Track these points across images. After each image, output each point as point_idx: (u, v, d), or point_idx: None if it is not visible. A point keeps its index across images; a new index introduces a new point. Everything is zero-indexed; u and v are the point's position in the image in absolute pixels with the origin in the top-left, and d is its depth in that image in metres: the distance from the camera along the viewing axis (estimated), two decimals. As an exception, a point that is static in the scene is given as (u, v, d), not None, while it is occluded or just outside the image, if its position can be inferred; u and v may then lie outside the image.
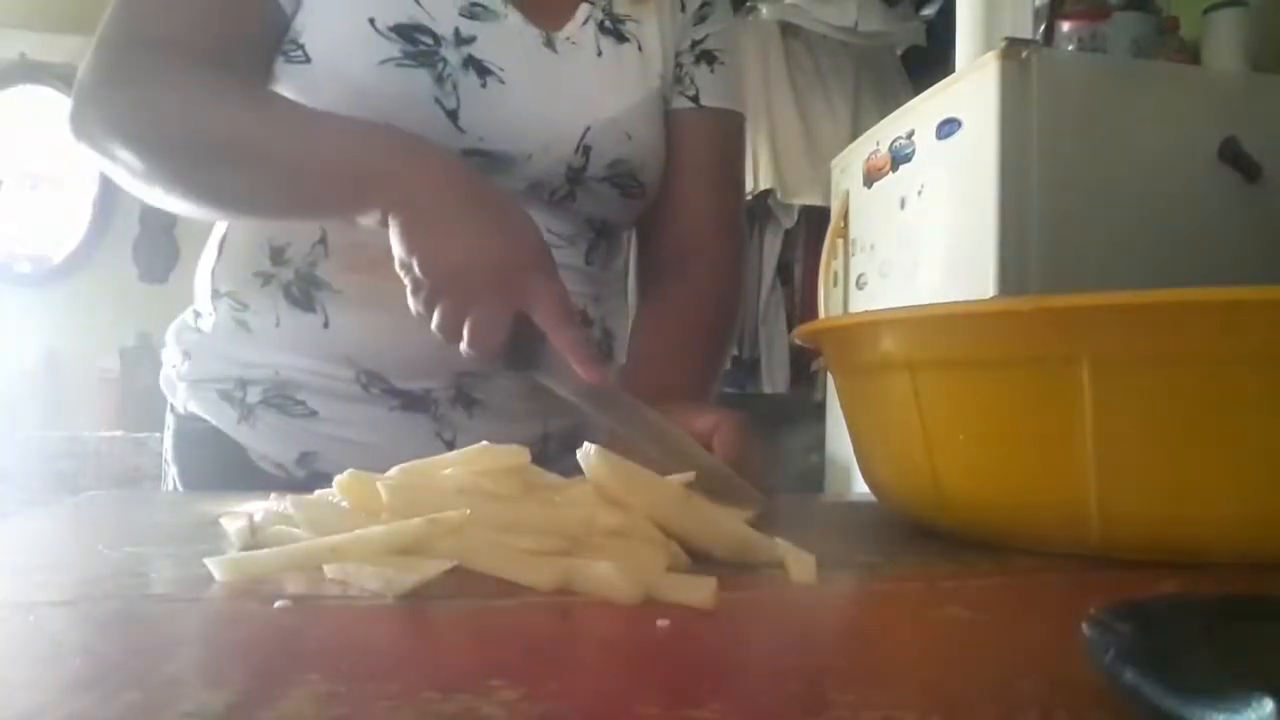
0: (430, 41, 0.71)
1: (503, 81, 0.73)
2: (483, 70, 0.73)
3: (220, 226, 0.82)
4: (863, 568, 0.45)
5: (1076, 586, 0.41)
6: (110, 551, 0.44)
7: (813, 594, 0.38)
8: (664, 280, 0.85)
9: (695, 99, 0.85)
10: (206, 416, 0.78)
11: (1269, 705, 0.18)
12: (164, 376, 0.83)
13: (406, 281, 0.61)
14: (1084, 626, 0.24)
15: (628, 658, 0.29)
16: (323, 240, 0.73)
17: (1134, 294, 0.41)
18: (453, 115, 0.71)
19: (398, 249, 0.60)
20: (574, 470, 0.45)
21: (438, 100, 0.71)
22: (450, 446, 0.75)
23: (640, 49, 0.82)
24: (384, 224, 0.61)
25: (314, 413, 0.75)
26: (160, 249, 3.18)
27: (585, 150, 0.77)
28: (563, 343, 0.58)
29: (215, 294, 0.79)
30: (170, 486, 0.83)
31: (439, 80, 0.71)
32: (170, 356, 0.82)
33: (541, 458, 0.76)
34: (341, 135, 0.64)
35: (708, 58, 0.86)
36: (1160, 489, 0.42)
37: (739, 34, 0.93)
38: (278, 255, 0.75)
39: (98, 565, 0.40)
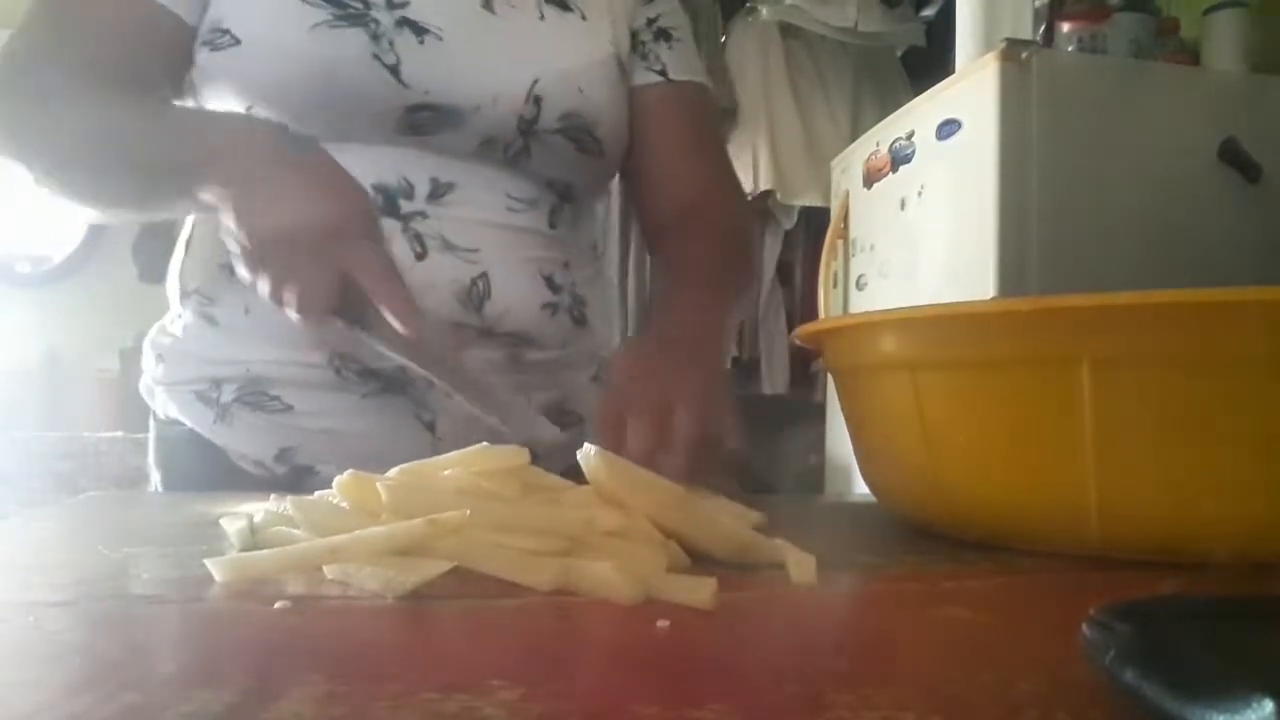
0: (360, 5, 0.71)
1: (441, 39, 0.73)
2: (419, 29, 0.73)
3: (186, 224, 0.82)
4: (863, 568, 0.45)
5: (1076, 586, 0.41)
6: (110, 551, 0.43)
7: (813, 594, 0.38)
8: (670, 236, 0.85)
9: (663, 73, 0.86)
10: (184, 420, 0.78)
11: (1269, 705, 0.18)
12: (143, 384, 0.83)
13: (235, 251, 0.62)
14: (1084, 626, 0.24)
15: (628, 658, 0.29)
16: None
17: (1134, 294, 0.41)
18: (394, 70, 0.71)
19: (226, 221, 0.61)
20: (565, 444, 0.45)
21: (376, 56, 0.71)
22: (430, 429, 0.74)
23: (584, 19, 0.82)
24: (219, 201, 0.61)
25: (289, 407, 0.75)
26: (160, 249, 3.17)
27: (536, 101, 0.76)
28: (380, 298, 0.59)
29: (184, 293, 0.80)
30: (154, 492, 0.83)
31: (374, 38, 0.71)
32: (146, 363, 0.83)
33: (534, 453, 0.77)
34: (186, 124, 0.66)
35: (664, 35, 0.88)
36: (1160, 489, 0.42)
37: (741, 35, 0.94)
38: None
39: (98, 565, 0.40)
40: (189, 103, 0.76)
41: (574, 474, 0.45)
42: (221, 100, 0.73)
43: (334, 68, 0.70)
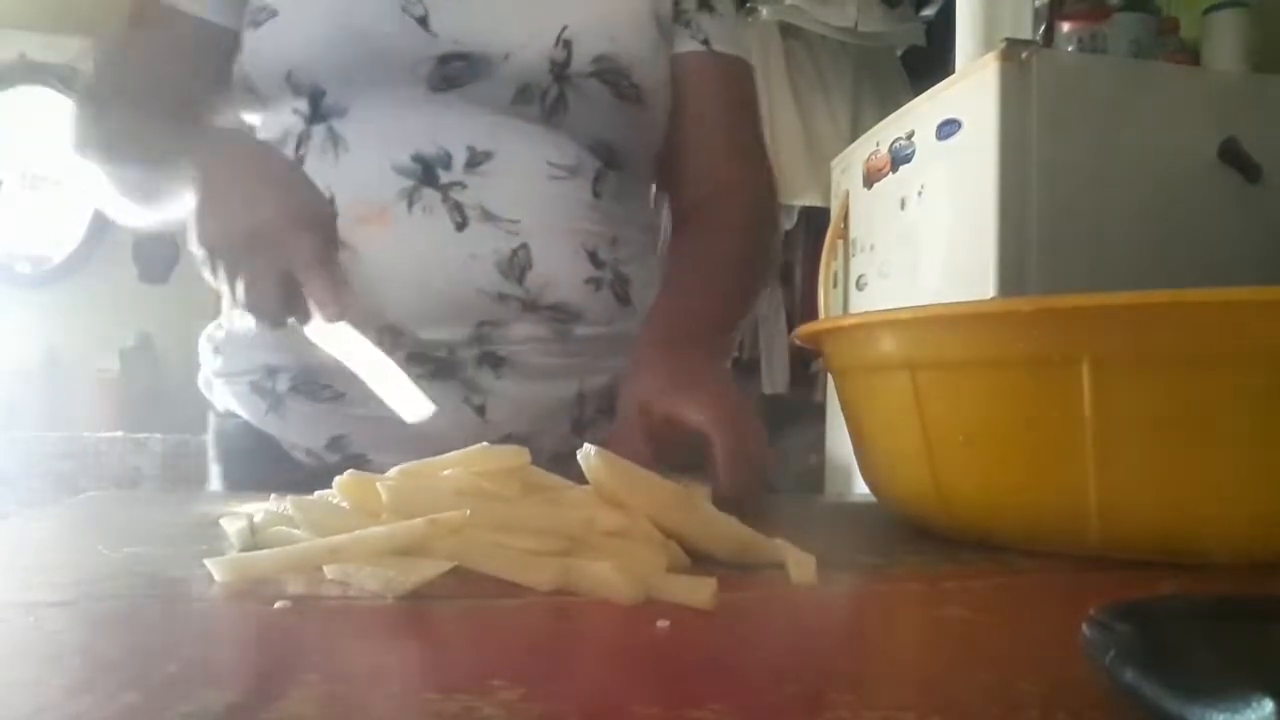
0: None
1: None
2: None
3: None
4: (863, 568, 0.45)
5: (1076, 586, 0.41)
6: (110, 551, 0.43)
7: (813, 594, 0.38)
8: (693, 219, 0.85)
9: (706, 43, 0.84)
10: (240, 412, 0.80)
11: (1269, 705, 0.18)
12: (202, 378, 0.85)
13: (197, 257, 0.64)
14: (1084, 626, 0.24)
15: (628, 658, 0.29)
16: (331, 200, 0.73)
17: (1134, 294, 0.41)
18: (423, 21, 0.73)
19: (189, 224, 0.63)
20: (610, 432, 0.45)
21: (404, 10, 0.73)
22: (481, 412, 0.74)
23: None
24: (188, 212, 0.64)
25: (341, 395, 0.75)
26: (160, 249, 3.17)
27: (566, 45, 0.76)
28: (309, 288, 0.60)
29: None
30: (215, 487, 0.84)
31: None
32: (204, 357, 0.84)
33: (578, 422, 0.77)
34: (188, 140, 0.70)
35: (706, 5, 0.86)
36: (1160, 489, 0.42)
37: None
38: None
39: (98, 565, 0.40)
40: (239, 95, 0.80)
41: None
42: (265, 75, 0.76)
43: (364, 23, 0.72)
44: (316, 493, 0.47)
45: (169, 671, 0.25)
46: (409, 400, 0.62)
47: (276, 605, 0.33)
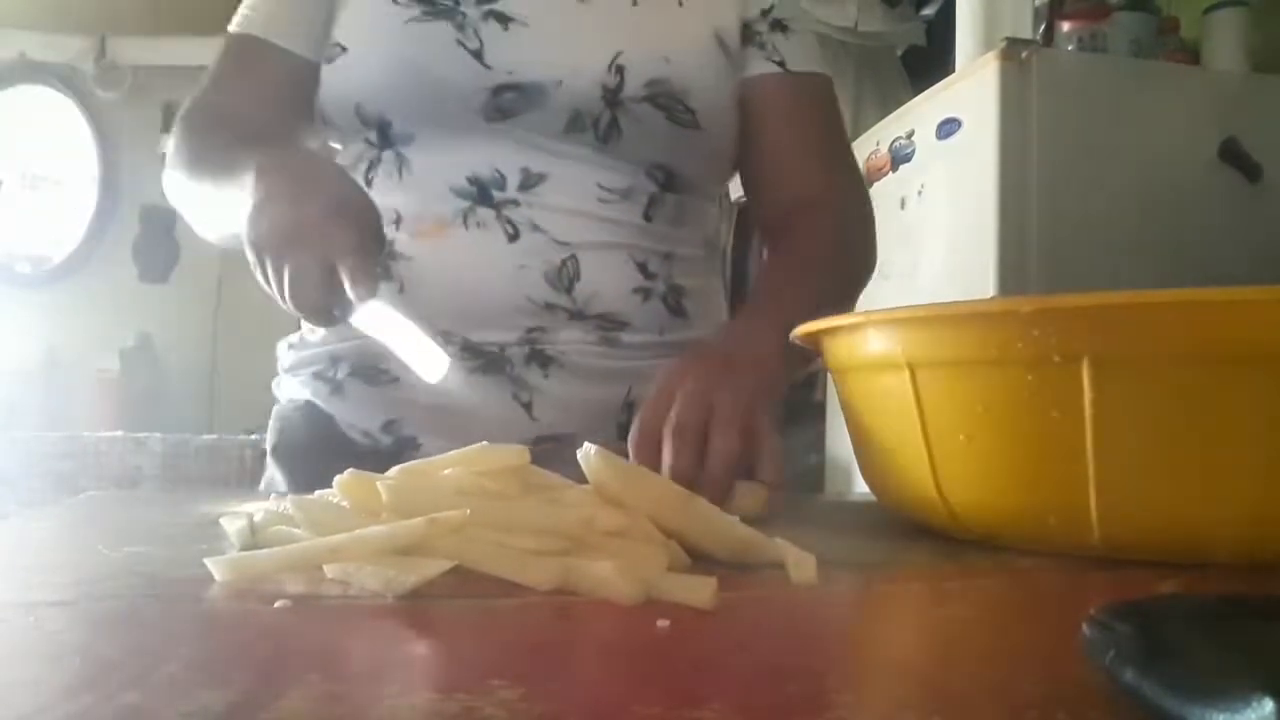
0: (449, 1, 0.77)
1: (526, 25, 0.77)
2: (505, 19, 0.77)
3: None
4: (863, 568, 0.45)
5: (1076, 586, 0.41)
6: (110, 551, 0.43)
7: (813, 594, 0.38)
8: (781, 236, 0.85)
9: (782, 64, 0.85)
10: (303, 395, 0.83)
11: (1269, 705, 0.18)
12: (275, 381, 0.89)
13: (249, 258, 0.65)
14: (1084, 626, 0.24)
15: (628, 658, 0.29)
16: (396, 220, 0.78)
17: (1134, 294, 0.41)
18: (477, 55, 0.76)
19: (243, 231, 0.65)
20: None
21: (460, 43, 0.76)
22: (527, 409, 0.76)
23: (680, 4, 0.82)
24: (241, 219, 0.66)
25: (396, 379, 0.77)
26: (160, 249, 3.18)
27: (618, 71, 0.77)
28: (344, 272, 0.61)
29: None
30: (267, 473, 0.86)
31: (460, 28, 0.77)
32: (281, 360, 0.88)
33: (624, 426, 0.74)
34: (250, 158, 0.70)
35: (780, 26, 0.86)
36: (1160, 489, 0.42)
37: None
38: None
39: (98, 565, 0.40)
40: (319, 125, 0.84)
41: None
42: (337, 108, 0.80)
43: (422, 58, 0.76)
44: (317, 492, 0.47)
45: (169, 671, 0.25)
46: (428, 359, 0.63)
47: (276, 605, 0.33)
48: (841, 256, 0.84)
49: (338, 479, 0.44)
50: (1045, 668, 0.27)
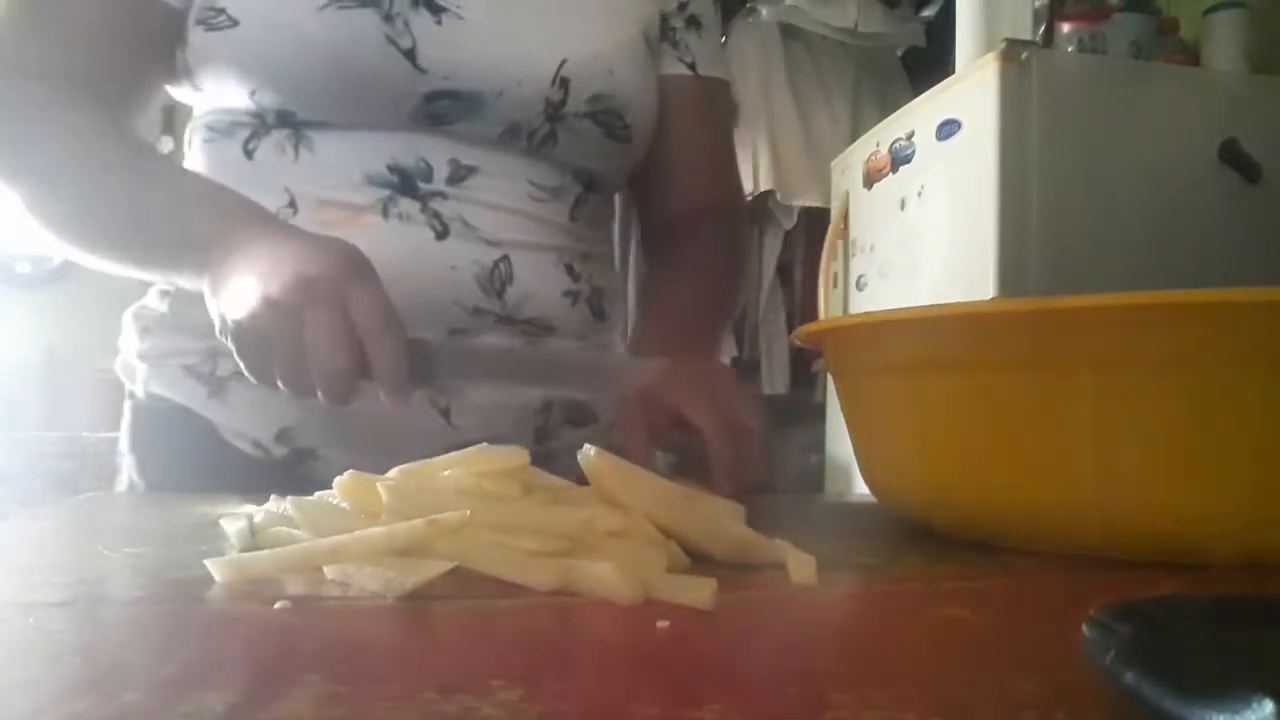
0: None
1: (460, 17, 0.69)
2: (436, 8, 0.69)
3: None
4: (863, 568, 0.45)
5: (1076, 586, 0.41)
6: (110, 551, 0.44)
7: (813, 595, 0.38)
8: (675, 234, 0.85)
9: (692, 66, 0.84)
10: (171, 395, 0.73)
11: (1269, 705, 0.18)
12: (120, 362, 0.78)
13: (229, 343, 0.55)
14: (1084, 627, 0.24)
15: (628, 658, 0.29)
16: (291, 204, 0.69)
17: (1134, 295, 0.41)
18: (410, 55, 0.67)
19: (211, 314, 0.57)
20: (578, 445, 0.45)
21: (390, 40, 0.67)
22: (445, 415, 0.72)
23: None
24: (205, 286, 0.58)
25: None
26: (160, 249, 3.17)
27: (563, 83, 0.72)
28: (374, 352, 0.52)
29: None
30: (126, 482, 0.77)
31: (387, 19, 0.67)
32: (127, 339, 0.78)
33: (541, 430, 0.76)
34: (172, 199, 0.62)
35: (695, 23, 0.85)
36: (1160, 489, 0.42)
37: (741, 35, 0.95)
38: None
39: (98, 565, 0.40)
40: (184, 85, 0.73)
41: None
42: (220, 82, 0.70)
43: (344, 52, 0.66)
44: (317, 493, 0.47)
45: (169, 671, 0.25)
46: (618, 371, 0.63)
47: (276, 605, 0.33)
48: (732, 269, 0.86)
49: (337, 480, 0.43)
50: (1045, 668, 0.27)
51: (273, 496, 0.49)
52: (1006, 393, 0.45)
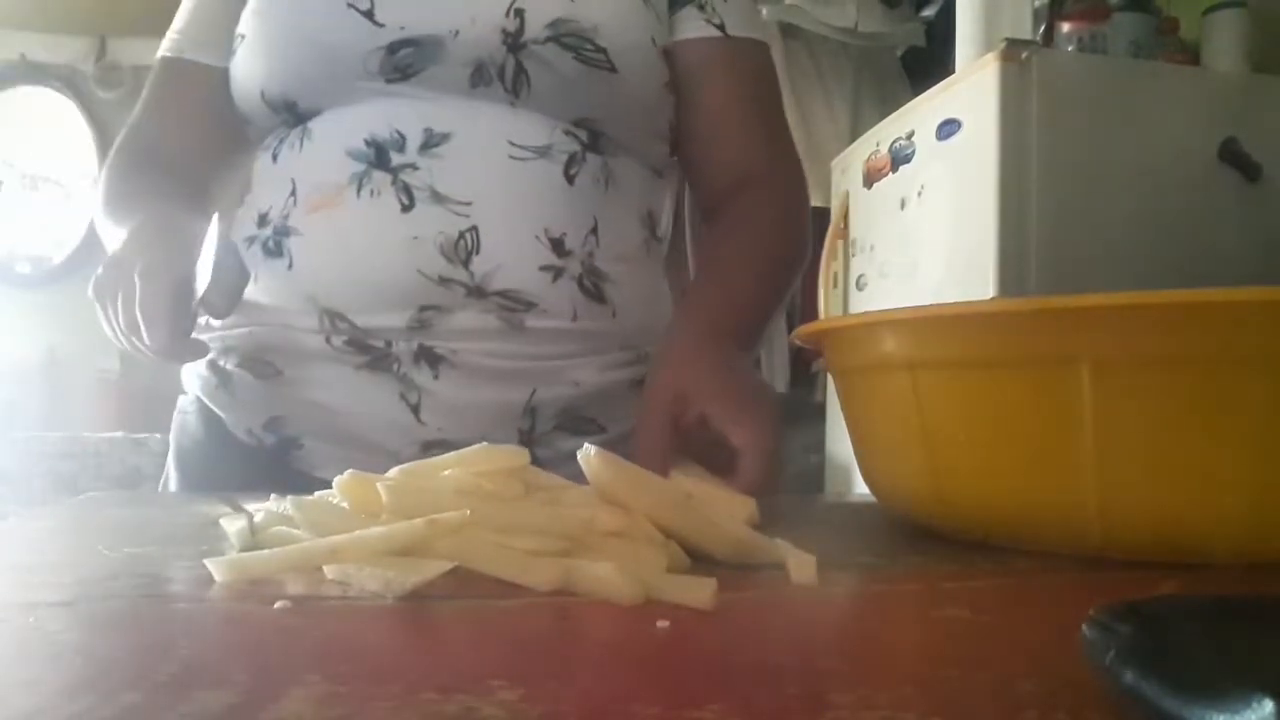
0: None
1: None
2: None
3: (230, 202, 0.85)
4: (863, 568, 0.45)
5: (1076, 586, 0.41)
6: (110, 552, 0.43)
7: (813, 594, 0.38)
8: (722, 210, 0.81)
9: (721, 27, 0.80)
10: (195, 390, 0.81)
11: (1269, 705, 0.18)
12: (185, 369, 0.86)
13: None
14: (1084, 627, 0.24)
15: (628, 658, 0.29)
16: (293, 192, 0.75)
17: (1134, 295, 0.41)
18: (368, 14, 0.72)
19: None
20: (565, 450, 0.45)
21: (350, 5, 0.72)
22: (415, 411, 0.73)
23: None
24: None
25: (280, 373, 0.75)
26: (160, 249, 3.17)
27: (518, 14, 0.72)
28: (148, 325, 0.66)
29: None
30: (166, 471, 0.84)
31: None
32: None
33: (526, 434, 0.75)
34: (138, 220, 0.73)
35: None
36: (1160, 490, 0.42)
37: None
38: (262, 219, 0.77)
39: (98, 565, 0.40)
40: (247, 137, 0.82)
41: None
42: (245, 99, 0.78)
43: (311, 26, 0.74)
44: (318, 493, 0.47)
45: (169, 671, 0.25)
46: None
47: (276, 605, 0.33)
48: (787, 234, 0.80)
49: (337, 480, 0.43)
50: (1045, 668, 0.27)
51: (272, 496, 0.49)
52: (1006, 393, 0.45)
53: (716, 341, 0.68)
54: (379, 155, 0.72)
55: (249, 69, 0.77)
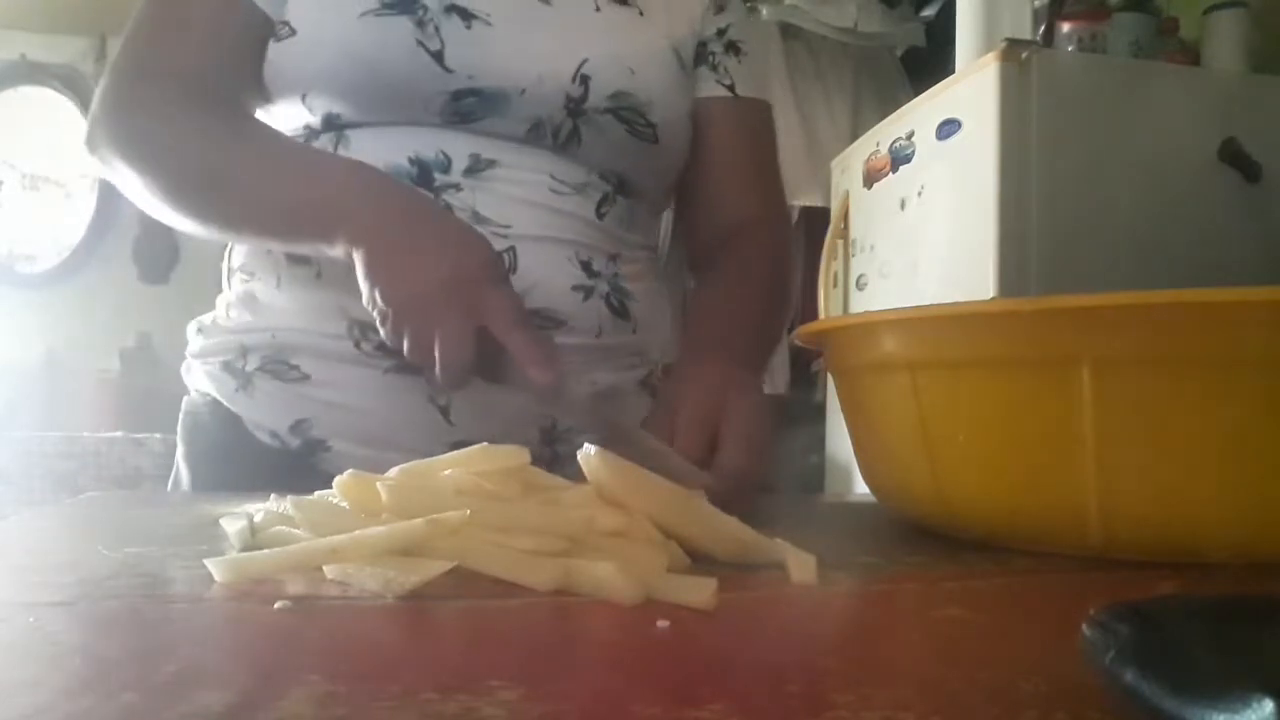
0: None
1: (489, 24, 0.74)
2: (467, 15, 0.73)
3: None
4: (863, 568, 0.45)
5: (1076, 586, 0.41)
6: (110, 551, 0.43)
7: (813, 594, 0.38)
8: (713, 263, 0.85)
9: (731, 88, 0.86)
10: (210, 390, 0.79)
11: (1269, 705, 0.18)
12: (184, 364, 0.84)
13: (374, 314, 0.63)
14: (1084, 627, 0.24)
15: (628, 658, 0.29)
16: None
17: (1134, 294, 0.41)
18: (438, 56, 0.72)
19: (361, 284, 0.63)
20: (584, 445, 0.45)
21: (420, 43, 0.72)
22: (444, 413, 0.73)
23: (641, 14, 0.81)
24: (349, 257, 0.64)
25: (307, 376, 0.75)
26: (160, 249, 3.18)
27: (584, 81, 0.75)
28: (513, 346, 0.60)
29: (229, 271, 0.82)
30: (175, 471, 0.83)
31: (420, 25, 0.72)
32: (189, 341, 0.84)
33: (549, 433, 0.76)
34: (308, 173, 0.68)
35: (733, 49, 0.87)
36: (1160, 489, 0.42)
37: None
38: None
39: (98, 565, 0.40)
40: (261, 103, 0.78)
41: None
42: (282, 92, 0.75)
43: (377, 55, 0.72)
44: (317, 493, 0.47)
45: (169, 671, 0.25)
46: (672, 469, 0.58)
47: (276, 605, 0.33)
48: (780, 278, 0.86)
49: (337, 480, 0.44)
50: (1045, 668, 0.27)
51: (272, 496, 0.49)
52: (1007, 392, 0.45)
53: (730, 358, 0.71)
54: (422, 173, 0.73)
55: (295, 69, 0.74)
